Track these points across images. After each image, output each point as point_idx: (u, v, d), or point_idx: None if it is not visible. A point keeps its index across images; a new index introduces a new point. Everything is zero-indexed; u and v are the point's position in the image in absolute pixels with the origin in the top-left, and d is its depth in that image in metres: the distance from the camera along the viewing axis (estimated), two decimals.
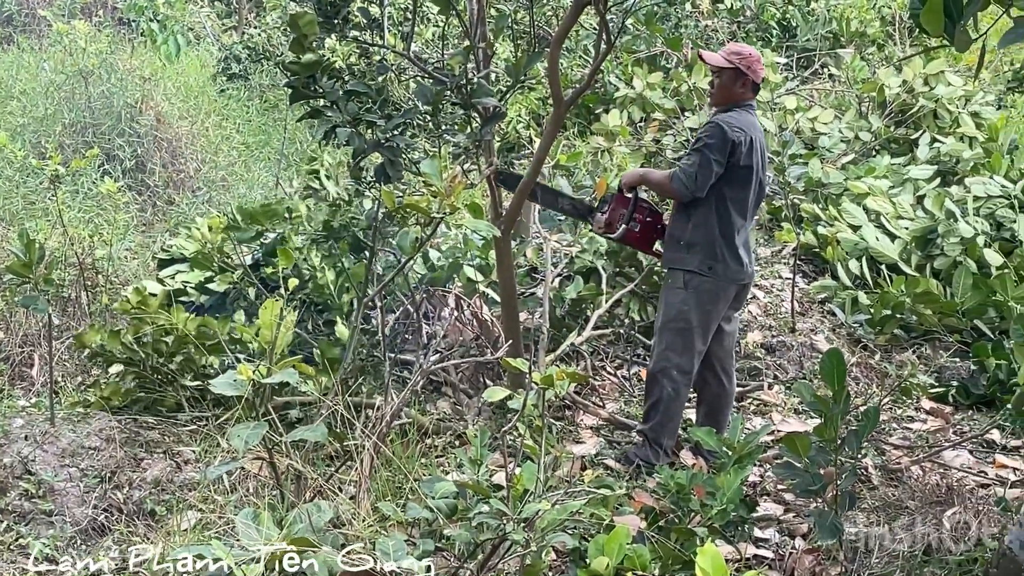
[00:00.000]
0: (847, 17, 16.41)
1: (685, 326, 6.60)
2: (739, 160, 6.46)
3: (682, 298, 6.60)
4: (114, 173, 10.98)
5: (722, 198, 6.53)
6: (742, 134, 6.45)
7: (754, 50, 6.79)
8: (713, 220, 6.53)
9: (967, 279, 8.73)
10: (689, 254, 6.58)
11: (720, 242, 6.54)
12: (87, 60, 12.26)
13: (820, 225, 10.19)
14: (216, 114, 13.32)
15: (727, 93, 6.69)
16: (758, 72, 6.65)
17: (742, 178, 6.54)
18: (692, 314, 6.58)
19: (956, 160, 10.91)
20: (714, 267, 6.54)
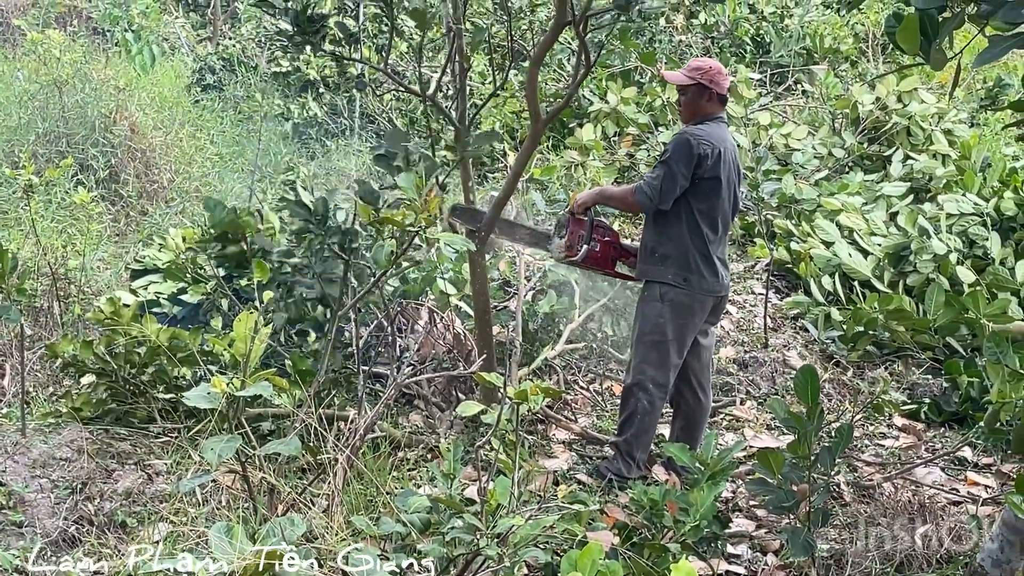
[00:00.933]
0: (821, 34, 16.49)
1: (660, 339, 6.60)
2: (705, 172, 6.45)
3: (658, 311, 6.59)
4: (88, 183, 10.94)
5: (691, 211, 6.53)
6: (709, 147, 6.46)
7: (716, 63, 6.80)
8: (685, 232, 6.54)
9: (939, 296, 8.77)
10: (664, 266, 6.58)
11: (694, 254, 6.54)
12: (61, 70, 12.23)
13: (793, 241, 10.22)
14: (190, 125, 13.29)
15: (694, 109, 6.70)
16: (722, 84, 6.66)
17: (711, 190, 6.53)
18: (668, 327, 6.58)
19: (929, 177, 10.95)
20: (689, 279, 6.54)
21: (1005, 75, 14.65)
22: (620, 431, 6.81)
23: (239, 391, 4.33)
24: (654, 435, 6.86)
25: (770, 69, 15.85)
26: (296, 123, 14.60)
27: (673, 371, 6.69)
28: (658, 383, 6.65)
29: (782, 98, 14.96)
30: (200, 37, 18.35)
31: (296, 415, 5.55)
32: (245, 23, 17.38)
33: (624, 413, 6.79)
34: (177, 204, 11.49)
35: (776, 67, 15.96)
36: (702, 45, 16.45)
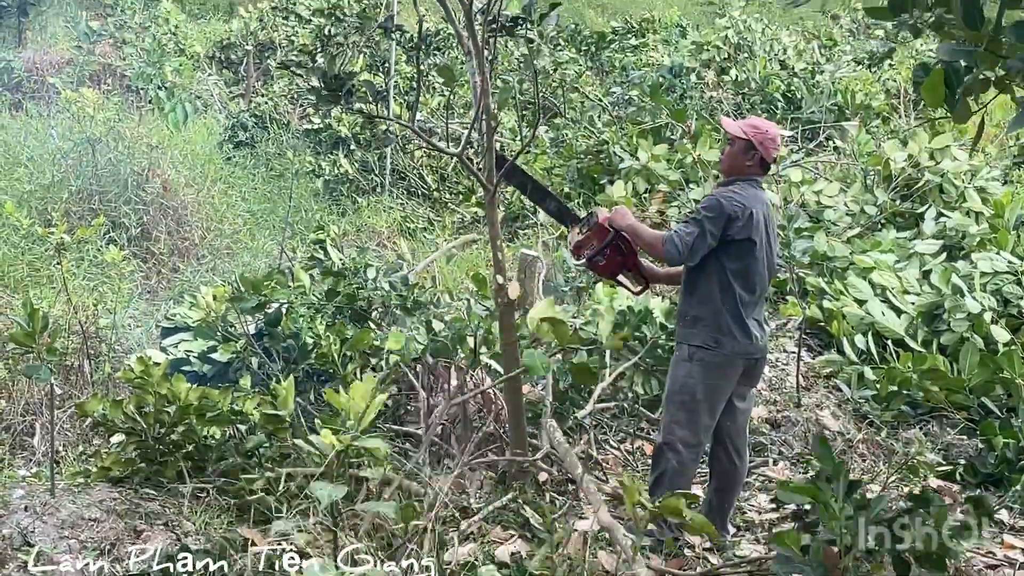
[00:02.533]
0: (852, 90, 16.49)
1: (690, 399, 6.54)
2: (736, 233, 6.41)
3: (687, 371, 6.54)
4: (119, 241, 11.00)
5: (723, 271, 6.49)
6: (740, 208, 6.41)
7: (775, 130, 6.76)
8: (716, 294, 6.49)
9: (974, 355, 8.68)
10: (695, 328, 6.53)
11: (726, 315, 6.49)
12: (95, 128, 12.33)
13: (826, 299, 10.15)
14: (222, 182, 13.37)
15: (734, 163, 6.66)
16: (770, 151, 6.62)
17: (743, 251, 6.49)
18: (697, 388, 6.52)
19: (962, 235, 10.89)
20: (720, 340, 6.49)
21: None
22: (651, 492, 6.74)
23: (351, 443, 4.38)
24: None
25: (801, 125, 15.84)
26: (327, 180, 14.67)
27: (704, 432, 6.62)
28: (688, 444, 6.58)
29: (814, 154, 14.93)
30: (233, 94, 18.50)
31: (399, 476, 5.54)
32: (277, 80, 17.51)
33: (654, 474, 6.72)
34: (208, 261, 11.54)
35: (807, 123, 15.95)
36: (733, 101, 16.48)
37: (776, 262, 6.89)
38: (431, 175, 14.93)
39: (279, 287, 7.75)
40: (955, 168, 12.01)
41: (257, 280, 7.66)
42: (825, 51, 19.58)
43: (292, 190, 13.27)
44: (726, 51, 17.92)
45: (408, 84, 16.49)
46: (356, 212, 14.17)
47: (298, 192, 13.66)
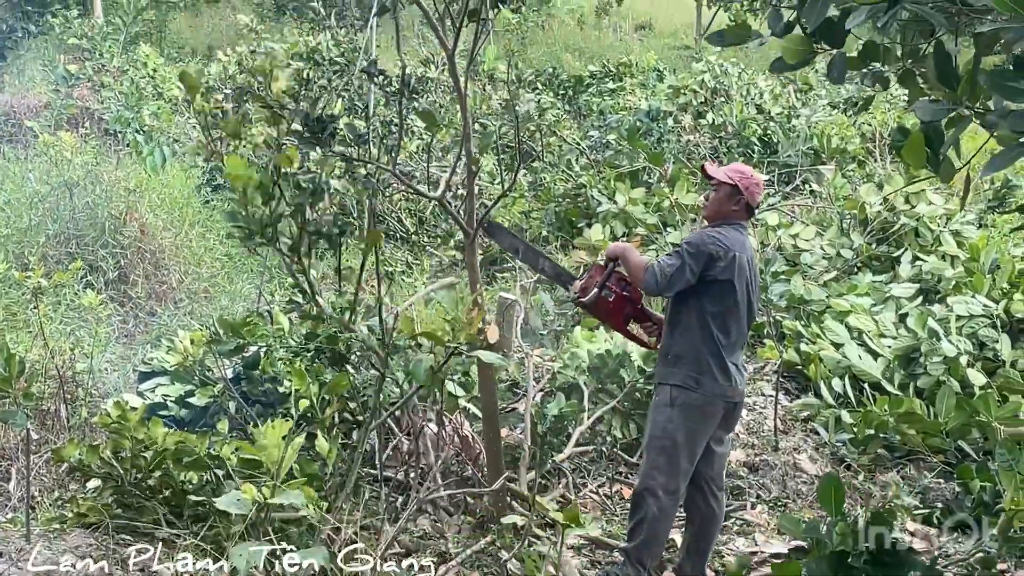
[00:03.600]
0: (828, 134, 16.59)
1: (671, 444, 6.54)
2: (718, 274, 6.46)
3: (667, 415, 6.55)
4: (97, 284, 10.97)
5: (703, 313, 6.52)
6: (723, 249, 6.46)
7: (758, 175, 6.84)
8: (696, 334, 6.52)
9: (950, 399, 8.71)
10: (676, 367, 6.55)
11: (706, 355, 6.51)
12: (72, 171, 12.32)
13: (803, 342, 10.19)
14: (200, 225, 13.35)
15: (720, 208, 6.72)
16: (755, 196, 6.69)
17: (723, 294, 6.53)
18: (678, 432, 6.53)
19: (938, 279, 10.94)
20: (700, 380, 6.51)
21: (1013, 176, 14.68)
22: (630, 537, 6.73)
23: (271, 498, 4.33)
24: (665, 541, 6.79)
25: (778, 169, 15.92)
26: None
27: (684, 477, 6.63)
28: (668, 490, 6.59)
29: (790, 198, 15.00)
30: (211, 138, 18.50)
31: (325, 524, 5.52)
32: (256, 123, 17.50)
33: (634, 519, 6.71)
34: (186, 305, 11.51)
35: (784, 167, 16.04)
36: (710, 145, 16.56)
37: (757, 308, 6.92)
38: (410, 218, 14.94)
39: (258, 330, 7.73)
40: (930, 212, 12.08)
41: (236, 323, 7.65)
42: (801, 95, 19.71)
43: None
44: (703, 95, 18.03)
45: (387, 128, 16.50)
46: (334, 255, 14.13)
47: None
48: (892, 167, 15.64)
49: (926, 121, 4.07)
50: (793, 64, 4.44)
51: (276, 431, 4.47)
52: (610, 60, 23.48)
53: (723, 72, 18.61)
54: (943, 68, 3.99)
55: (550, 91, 20.30)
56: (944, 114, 4.04)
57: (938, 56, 4.03)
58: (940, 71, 4.00)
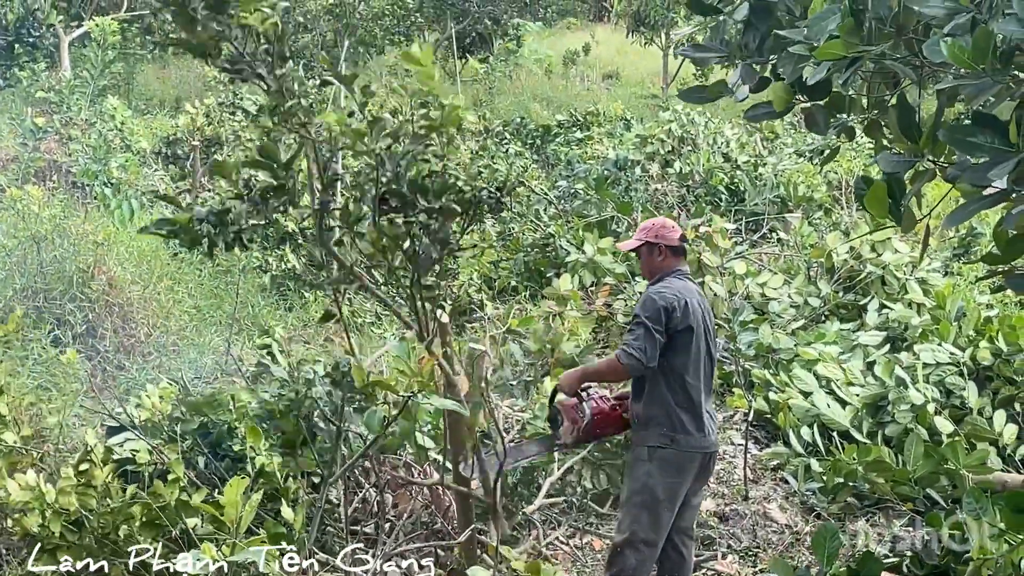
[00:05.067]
0: (794, 182, 16.69)
1: (651, 499, 6.57)
2: (677, 325, 6.51)
3: (646, 470, 6.58)
4: (64, 338, 10.93)
5: (669, 368, 6.56)
6: (674, 299, 6.55)
7: (661, 219, 6.97)
8: (665, 391, 6.55)
9: (918, 447, 8.73)
10: (648, 429, 6.59)
11: (677, 412, 6.55)
12: (40, 225, 12.28)
13: (771, 391, 10.21)
14: (168, 278, 13.32)
15: (651, 267, 6.89)
16: (670, 237, 6.79)
17: (686, 341, 6.58)
18: (658, 487, 6.57)
19: (905, 327, 11.00)
20: (675, 438, 6.55)
21: (977, 224, 14.80)
22: None
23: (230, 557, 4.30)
24: None
25: (745, 217, 16.00)
26: (274, 275, 14.64)
27: (664, 530, 6.66)
28: (649, 543, 6.62)
29: (757, 246, 15.08)
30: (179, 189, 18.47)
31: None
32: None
33: (611, 572, 6.73)
34: (154, 359, 11.46)
35: (751, 215, 16.13)
36: (677, 194, 16.63)
37: (716, 350, 6.97)
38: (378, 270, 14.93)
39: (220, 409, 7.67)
40: (896, 260, 12.16)
41: (198, 403, 7.61)
42: (767, 144, 19.83)
43: (239, 286, 13.25)
44: (670, 144, 18.12)
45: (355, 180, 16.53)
46: (303, 307, 14.15)
47: (245, 288, 13.63)
48: (858, 215, 15.74)
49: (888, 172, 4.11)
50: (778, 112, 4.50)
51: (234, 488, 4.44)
52: (577, 109, 23.59)
53: (690, 121, 18.72)
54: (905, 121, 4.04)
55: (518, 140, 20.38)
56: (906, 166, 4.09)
57: (901, 109, 4.09)
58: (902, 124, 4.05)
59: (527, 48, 33.44)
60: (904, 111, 4.08)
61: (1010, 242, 4.14)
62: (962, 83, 3.63)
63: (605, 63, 34.18)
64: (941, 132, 3.79)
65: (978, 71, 3.50)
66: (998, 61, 3.51)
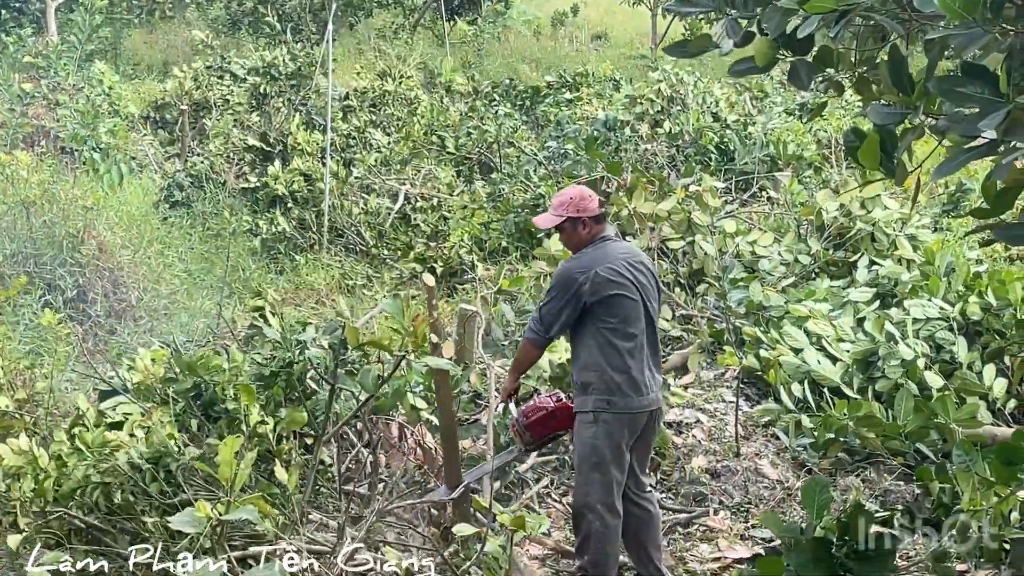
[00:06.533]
0: (784, 141, 16.66)
1: (599, 460, 6.61)
2: (588, 297, 6.57)
3: (591, 433, 6.62)
4: (55, 303, 10.92)
5: (599, 331, 6.59)
6: (580, 274, 6.59)
7: (577, 188, 6.96)
8: (599, 356, 6.58)
9: (908, 402, 8.76)
10: (587, 395, 6.63)
11: (611, 376, 6.57)
12: (29, 190, 12.25)
13: (762, 348, 10.23)
14: (159, 242, 13.32)
15: (576, 240, 6.84)
16: (589, 207, 6.78)
17: (612, 308, 6.60)
18: (604, 449, 6.60)
19: (895, 283, 11.00)
20: (612, 401, 6.58)
21: (966, 180, 14.81)
22: (579, 554, 6.79)
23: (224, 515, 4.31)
24: (618, 550, 6.79)
25: (735, 177, 15.98)
26: (264, 238, 14.64)
27: (618, 489, 6.68)
28: (606, 503, 6.65)
29: (748, 205, 15.07)
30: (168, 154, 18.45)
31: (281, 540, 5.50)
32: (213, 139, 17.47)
33: (579, 537, 6.78)
34: (146, 323, 11.46)
35: (740, 174, 16.10)
36: (667, 153, 16.61)
37: (656, 307, 6.92)
38: (369, 231, 14.94)
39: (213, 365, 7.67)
40: (886, 217, 12.15)
41: (191, 362, 7.60)
42: (756, 103, 19.79)
43: (229, 249, 13.25)
44: (659, 104, 18.07)
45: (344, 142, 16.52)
46: (294, 270, 14.17)
47: (235, 251, 13.64)
48: (848, 173, 15.71)
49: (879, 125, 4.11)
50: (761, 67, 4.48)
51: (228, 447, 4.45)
52: (566, 70, 23.53)
53: (679, 81, 18.66)
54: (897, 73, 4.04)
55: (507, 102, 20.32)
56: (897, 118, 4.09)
57: (892, 61, 4.08)
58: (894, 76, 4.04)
59: (515, 10, 33.36)
60: (896, 63, 4.08)
61: (998, 195, 4.14)
62: (952, 33, 3.63)
63: (594, 24, 34.07)
64: (931, 83, 3.80)
65: (968, 21, 3.50)
66: (988, 11, 3.52)
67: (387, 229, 15.06)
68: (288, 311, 11.39)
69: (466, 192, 15.48)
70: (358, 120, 17.36)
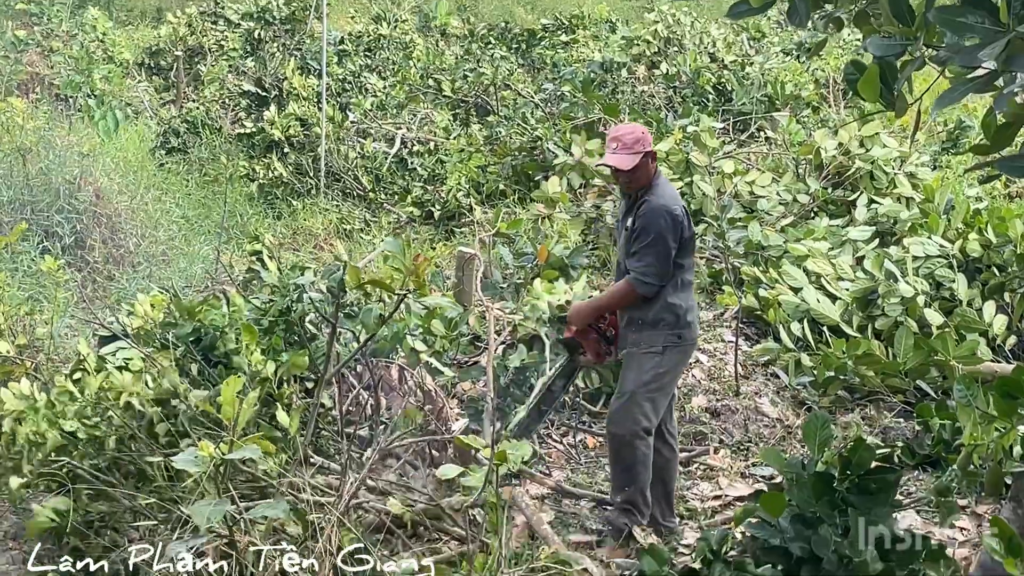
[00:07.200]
0: (782, 81, 16.60)
1: (659, 387, 6.64)
2: (684, 232, 6.52)
3: (657, 362, 6.60)
4: (53, 250, 10.90)
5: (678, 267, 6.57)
6: (679, 208, 6.54)
7: (634, 125, 6.88)
8: (674, 293, 6.55)
9: (908, 339, 8.77)
10: (656, 330, 6.58)
11: (683, 311, 6.60)
12: (25, 137, 12.20)
13: (761, 288, 10.23)
14: (156, 188, 13.29)
15: (646, 176, 6.64)
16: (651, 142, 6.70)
17: (688, 246, 6.62)
18: (666, 377, 6.67)
19: (894, 221, 11.01)
20: (682, 335, 6.62)
21: (965, 117, 14.78)
22: (621, 485, 6.76)
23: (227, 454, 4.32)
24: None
25: (733, 117, 15.95)
26: (261, 183, 14.60)
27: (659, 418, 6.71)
28: (651, 432, 6.69)
29: (745, 145, 15.03)
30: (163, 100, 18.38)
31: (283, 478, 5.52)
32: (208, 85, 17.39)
33: (622, 465, 6.74)
34: (144, 268, 11.45)
35: (739, 115, 16.07)
36: (664, 95, 16.56)
37: None
38: (366, 176, 14.90)
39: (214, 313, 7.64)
40: (885, 155, 12.13)
41: (191, 306, 7.57)
42: (754, 43, 19.71)
43: (226, 195, 13.22)
44: (656, 45, 17.98)
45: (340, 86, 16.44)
46: (292, 215, 14.13)
47: (232, 197, 13.60)
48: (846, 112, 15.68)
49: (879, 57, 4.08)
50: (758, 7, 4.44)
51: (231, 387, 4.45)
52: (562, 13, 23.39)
53: (676, 21, 18.56)
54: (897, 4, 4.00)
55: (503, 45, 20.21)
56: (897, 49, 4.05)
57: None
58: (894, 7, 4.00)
59: None
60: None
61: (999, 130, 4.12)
62: None
63: None
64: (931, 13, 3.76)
65: None
66: None
67: (384, 173, 15.01)
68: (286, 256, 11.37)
69: (463, 135, 15.41)
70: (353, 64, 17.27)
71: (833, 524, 4.54)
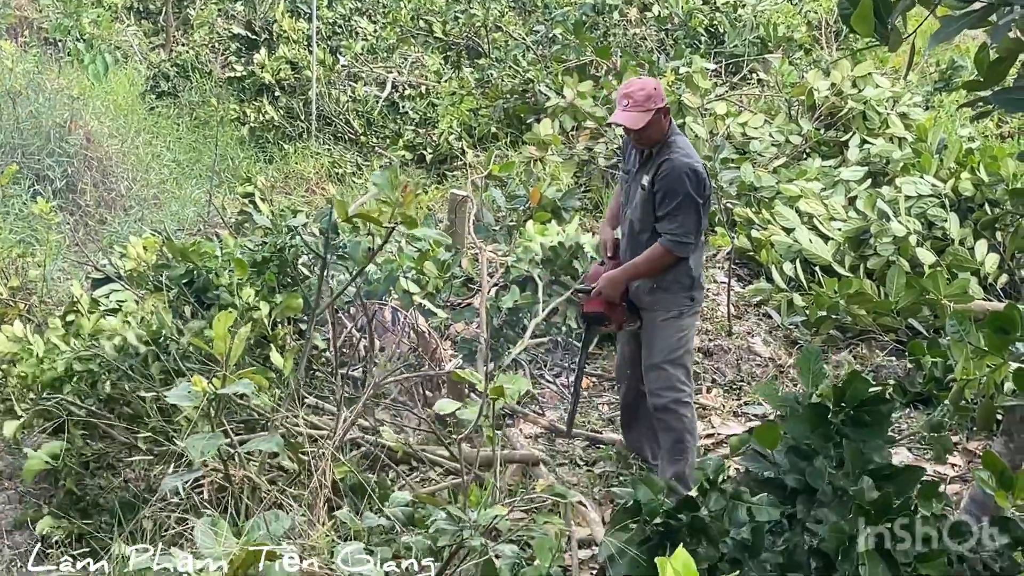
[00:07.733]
0: (774, 22, 16.55)
1: (685, 351, 6.71)
2: (706, 188, 6.50)
3: (678, 327, 6.64)
4: (44, 194, 10.87)
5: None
6: (699, 163, 6.48)
7: (646, 79, 6.72)
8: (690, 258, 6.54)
9: (900, 278, 8.80)
10: (672, 293, 6.58)
11: (698, 273, 6.63)
12: (14, 80, 12.14)
13: (754, 228, 10.24)
14: (146, 132, 13.26)
15: (660, 131, 6.48)
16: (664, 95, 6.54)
17: (708, 205, 6.61)
18: (689, 341, 6.77)
19: (886, 161, 11.01)
20: (695, 296, 6.65)
21: (958, 57, 14.75)
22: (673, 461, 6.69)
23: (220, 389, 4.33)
24: None
25: (725, 59, 15.90)
26: (252, 127, 14.56)
27: None
28: (691, 394, 6.80)
29: (738, 87, 15.01)
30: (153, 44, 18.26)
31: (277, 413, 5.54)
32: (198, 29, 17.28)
33: (673, 435, 6.69)
34: (136, 212, 11.44)
35: (731, 57, 16.01)
36: (656, 38, 16.49)
37: None
38: (357, 120, 14.86)
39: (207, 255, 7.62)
40: (877, 95, 12.12)
41: (184, 247, 7.56)
42: None
43: (217, 139, 13.18)
44: None
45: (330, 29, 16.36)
46: (283, 159, 14.09)
47: (223, 140, 13.57)
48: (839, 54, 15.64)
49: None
50: None
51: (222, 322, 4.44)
52: None
53: None
54: None
55: None
56: None
57: None
58: None
59: None
60: None
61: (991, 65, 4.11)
62: None
63: None
64: None
65: None
66: None
67: (376, 117, 14.97)
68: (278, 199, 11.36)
69: (454, 78, 15.36)
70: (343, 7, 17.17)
71: (828, 456, 4.55)
